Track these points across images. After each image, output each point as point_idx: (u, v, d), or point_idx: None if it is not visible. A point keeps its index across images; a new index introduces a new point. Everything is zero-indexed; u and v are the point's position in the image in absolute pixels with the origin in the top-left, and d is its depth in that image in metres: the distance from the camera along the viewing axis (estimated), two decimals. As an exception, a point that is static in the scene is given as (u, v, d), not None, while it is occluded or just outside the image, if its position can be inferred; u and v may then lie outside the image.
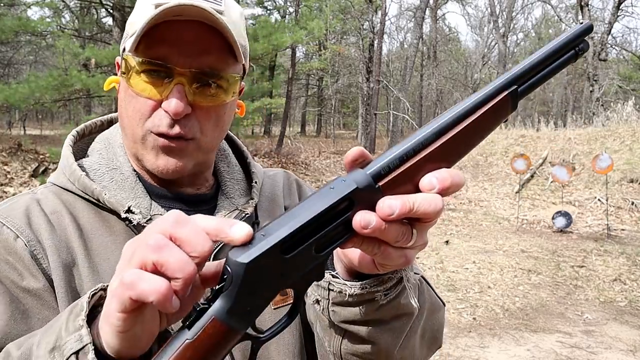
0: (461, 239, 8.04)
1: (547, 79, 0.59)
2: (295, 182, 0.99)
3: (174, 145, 0.74)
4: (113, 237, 0.74)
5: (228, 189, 0.86)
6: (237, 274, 0.47)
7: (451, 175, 0.52)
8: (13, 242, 0.70)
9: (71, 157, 0.79)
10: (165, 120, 0.72)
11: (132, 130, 0.75)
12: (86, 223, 0.75)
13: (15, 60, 23.70)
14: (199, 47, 0.71)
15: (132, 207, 0.74)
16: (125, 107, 0.75)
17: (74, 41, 9.70)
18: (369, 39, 21.07)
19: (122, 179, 0.78)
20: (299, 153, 16.50)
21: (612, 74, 25.47)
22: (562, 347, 4.33)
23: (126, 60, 0.73)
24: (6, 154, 9.66)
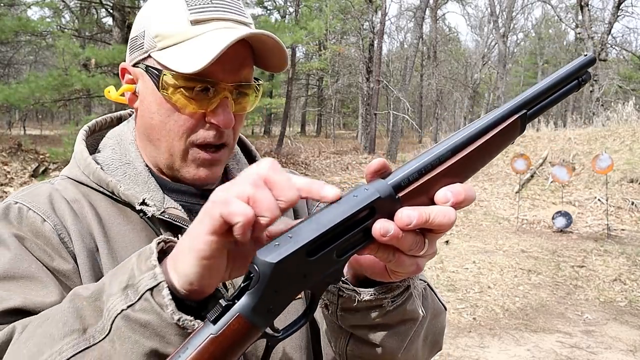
0: (461, 239, 8.04)
1: (552, 105, 0.63)
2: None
3: (217, 157, 0.79)
4: (131, 226, 0.77)
5: None
6: (264, 273, 0.48)
7: (465, 190, 0.56)
8: (40, 225, 0.72)
9: (85, 151, 0.81)
10: (212, 132, 0.77)
11: (170, 143, 0.78)
12: (104, 212, 0.77)
13: (15, 60, 23.69)
14: (239, 61, 0.76)
15: (146, 199, 0.76)
16: (162, 121, 0.77)
17: (74, 41, 9.70)
18: (369, 39, 21.07)
19: (135, 174, 0.80)
20: (299, 153, 16.50)
21: (612, 74, 25.47)
22: (562, 347, 4.33)
23: (165, 76, 0.73)
24: (6, 154, 9.66)
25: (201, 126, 0.77)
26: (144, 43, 0.77)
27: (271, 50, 0.77)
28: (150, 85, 0.76)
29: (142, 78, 0.78)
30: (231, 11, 0.76)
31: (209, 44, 0.71)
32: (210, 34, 0.72)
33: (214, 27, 0.74)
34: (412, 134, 32.43)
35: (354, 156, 17.90)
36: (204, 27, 0.73)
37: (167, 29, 0.75)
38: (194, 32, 0.73)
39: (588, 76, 0.65)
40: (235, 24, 0.76)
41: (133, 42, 0.79)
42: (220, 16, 0.75)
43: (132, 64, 0.79)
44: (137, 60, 0.78)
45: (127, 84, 0.81)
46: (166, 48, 0.74)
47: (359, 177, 14.34)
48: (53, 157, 8.87)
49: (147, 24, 0.77)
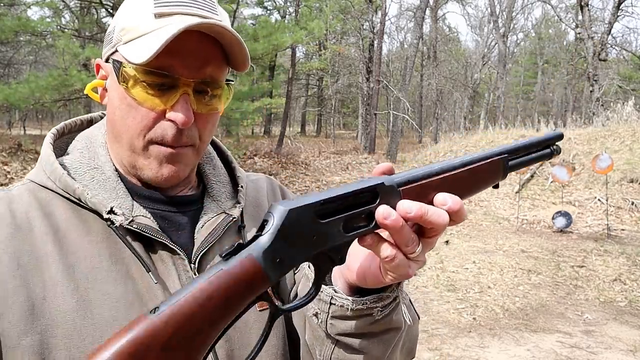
0: (461, 239, 8.04)
1: (528, 164, 0.76)
2: (278, 188, 1.00)
3: (179, 152, 0.75)
4: (90, 237, 0.72)
5: (214, 191, 0.86)
6: (277, 218, 0.52)
7: (461, 203, 0.62)
8: None
9: (52, 155, 0.77)
10: (171, 131, 0.73)
11: (130, 140, 0.74)
12: (62, 222, 0.73)
13: (15, 60, 23.69)
14: (202, 57, 0.73)
15: (114, 207, 0.73)
16: (122, 116, 0.74)
17: (74, 41, 9.69)
18: (369, 39, 21.08)
19: (104, 179, 0.76)
20: (299, 153, 16.50)
21: (612, 74, 25.47)
22: (562, 347, 4.33)
23: (124, 70, 0.71)
24: (6, 154, 9.66)
25: (160, 123, 0.73)
26: (113, 37, 0.75)
27: (232, 45, 0.73)
28: (115, 78, 0.74)
29: (111, 73, 0.75)
30: (198, 6, 0.73)
31: (164, 34, 0.68)
32: (168, 27, 0.69)
33: (175, 21, 0.70)
34: (412, 134, 32.44)
35: (354, 156, 17.90)
36: (166, 20, 0.71)
37: (131, 22, 0.73)
38: (156, 25, 0.70)
39: (558, 149, 0.79)
40: (202, 19, 0.71)
41: (106, 37, 0.77)
42: (186, 11, 0.72)
43: (105, 59, 0.77)
44: (107, 55, 0.76)
45: (99, 79, 0.79)
46: (130, 41, 0.72)
47: (359, 177, 14.34)
48: (53, 157, 8.88)
49: (118, 19, 0.75)
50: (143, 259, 0.72)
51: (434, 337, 4.47)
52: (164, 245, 0.74)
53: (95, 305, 0.68)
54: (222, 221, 0.81)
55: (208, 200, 0.84)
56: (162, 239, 0.74)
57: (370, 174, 0.65)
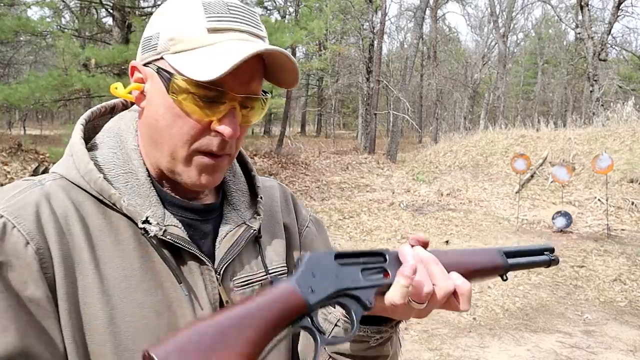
0: (461, 239, 8.04)
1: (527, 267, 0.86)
2: (290, 198, 1.02)
3: (219, 163, 0.78)
4: (122, 246, 0.74)
5: (234, 199, 0.88)
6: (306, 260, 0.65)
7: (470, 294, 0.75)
8: (23, 249, 0.67)
9: (86, 154, 0.77)
10: (216, 141, 0.76)
11: (173, 148, 0.76)
12: (95, 227, 0.73)
13: (15, 60, 23.69)
14: (249, 74, 0.75)
15: (149, 217, 0.74)
16: (167, 125, 0.75)
17: (74, 41, 9.67)
18: (369, 39, 21.06)
19: (138, 185, 0.77)
20: (299, 153, 16.50)
21: (612, 74, 25.47)
22: (562, 347, 4.33)
23: (176, 80, 0.73)
24: (6, 154, 9.67)
25: (206, 134, 0.75)
26: (158, 44, 0.75)
27: (284, 66, 0.77)
28: (160, 87, 0.75)
29: (152, 79, 0.76)
30: (248, 23, 0.76)
31: (226, 54, 0.71)
32: (226, 44, 0.72)
33: (229, 38, 0.73)
34: (412, 134, 32.44)
35: (354, 156, 17.89)
36: (220, 36, 0.73)
37: (182, 33, 0.73)
38: (210, 40, 0.73)
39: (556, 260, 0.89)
40: (251, 36, 0.76)
41: (146, 42, 0.78)
42: (237, 27, 0.75)
43: (143, 63, 0.78)
44: (149, 61, 0.77)
45: (135, 83, 0.79)
46: (180, 52, 0.73)
47: (359, 177, 14.35)
48: (53, 157, 8.87)
49: (163, 26, 0.75)
50: (174, 270, 0.75)
51: (434, 337, 4.47)
52: (192, 255, 0.77)
53: (127, 314, 0.71)
54: (244, 232, 0.84)
55: (228, 209, 0.86)
56: (193, 249, 0.76)
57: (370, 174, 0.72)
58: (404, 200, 11.33)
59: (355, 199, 11.36)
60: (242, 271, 0.83)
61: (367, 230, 8.58)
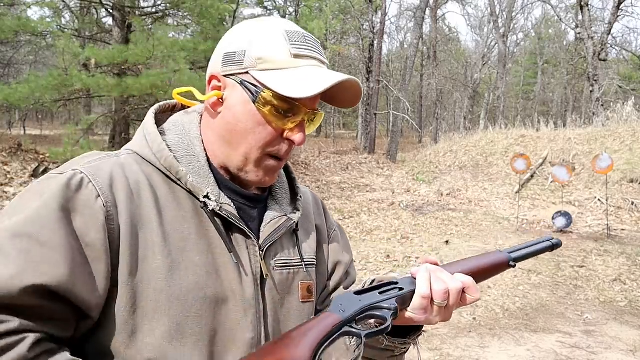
0: (461, 239, 8.04)
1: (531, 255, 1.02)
2: (321, 204, 1.18)
3: (280, 166, 0.93)
4: (183, 213, 0.86)
5: (278, 195, 1.02)
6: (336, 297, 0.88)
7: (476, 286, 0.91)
8: (94, 200, 0.79)
9: (159, 136, 0.90)
10: (285, 147, 0.91)
11: (248, 150, 0.89)
12: (162, 195, 0.86)
13: (15, 60, 23.67)
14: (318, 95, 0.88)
15: (209, 193, 0.87)
16: (246, 129, 0.88)
17: (74, 41, 9.66)
18: (369, 39, 21.05)
19: (199, 167, 0.90)
20: (299, 153, 16.49)
21: (612, 74, 25.46)
22: (562, 347, 4.33)
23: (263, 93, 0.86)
24: (6, 154, 9.66)
25: (279, 141, 0.90)
26: (244, 61, 0.87)
27: (350, 90, 0.92)
28: (243, 97, 0.88)
29: (234, 89, 0.89)
30: (319, 52, 0.91)
31: (314, 78, 0.85)
32: (308, 69, 0.87)
33: (308, 64, 0.88)
34: (412, 134, 32.44)
35: (354, 156, 17.89)
36: (301, 61, 0.87)
37: (270, 55, 0.86)
38: (294, 64, 0.87)
39: (559, 243, 1.04)
40: (322, 63, 0.91)
41: (230, 57, 0.89)
42: (313, 55, 0.89)
43: (224, 74, 0.90)
44: (232, 73, 0.89)
45: (214, 90, 0.91)
46: (267, 70, 0.86)
47: (359, 177, 14.34)
48: (53, 157, 8.87)
49: (249, 45, 0.88)
50: (225, 240, 0.87)
51: (434, 337, 4.47)
52: (241, 230, 0.90)
53: (182, 269, 0.82)
54: (285, 222, 0.97)
55: (272, 202, 1.00)
56: (242, 225, 0.90)
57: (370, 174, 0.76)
58: (404, 200, 11.33)
59: (355, 199, 11.35)
60: (282, 254, 0.97)
61: (367, 230, 8.58)
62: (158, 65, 9.26)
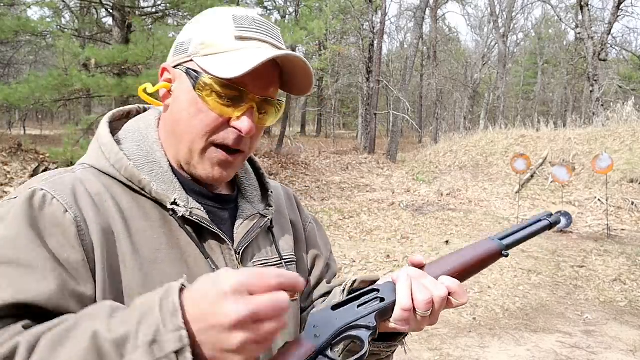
0: (461, 239, 8.04)
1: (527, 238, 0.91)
2: (294, 197, 1.13)
3: (231, 160, 0.86)
4: (150, 223, 0.81)
5: (248, 193, 0.98)
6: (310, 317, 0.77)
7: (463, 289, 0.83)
8: (62, 216, 0.74)
9: (115, 145, 0.85)
10: (232, 136, 0.84)
11: (192, 139, 0.84)
12: (126, 207, 0.81)
13: (15, 60, 23.67)
14: (268, 79, 0.85)
15: (176, 199, 0.82)
16: (190, 118, 0.84)
17: (74, 41, 9.66)
18: (369, 39, 21.05)
19: (162, 173, 0.85)
20: (299, 153, 16.50)
21: (612, 74, 25.47)
22: (562, 347, 4.33)
23: (202, 78, 0.81)
24: (6, 154, 9.66)
25: (224, 128, 0.84)
26: (189, 48, 0.85)
27: (299, 73, 0.86)
28: (187, 85, 0.84)
29: (180, 78, 0.85)
30: (270, 36, 0.86)
31: (249, 57, 0.80)
32: (250, 50, 0.82)
33: (253, 46, 0.83)
34: (412, 134, 32.44)
35: (354, 156, 17.89)
36: (245, 43, 0.83)
37: (212, 39, 0.83)
38: (236, 46, 0.82)
39: (557, 220, 0.94)
40: (272, 47, 0.85)
41: (179, 47, 0.87)
42: (261, 38, 0.85)
43: (174, 65, 0.87)
44: (179, 62, 0.86)
45: (164, 82, 0.88)
46: (209, 55, 0.83)
47: (359, 177, 14.34)
48: (53, 157, 8.86)
49: (196, 33, 0.85)
50: (200, 247, 0.83)
51: (434, 337, 4.47)
52: (214, 235, 0.85)
53: (157, 282, 0.76)
54: (258, 220, 0.93)
55: (243, 202, 0.96)
56: (215, 229, 0.85)
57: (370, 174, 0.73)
58: (404, 200, 11.33)
59: (355, 199, 11.35)
60: (260, 254, 0.92)
61: (367, 230, 8.57)
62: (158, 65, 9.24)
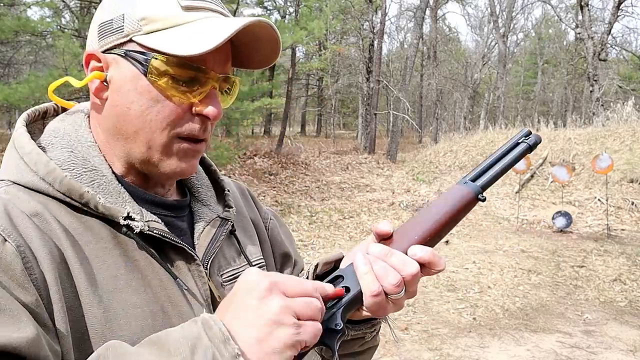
0: (461, 239, 8.04)
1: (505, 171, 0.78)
2: (248, 193, 1.00)
3: (198, 148, 0.74)
4: (102, 244, 0.67)
5: (202, 195, 0.84)
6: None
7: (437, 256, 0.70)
8: (1, 247, 0.58)
9: (43, 155, 0.68)
10: (197, 125, 0.72)
11: (149, 135, 0.70)
12: (70, 227, 0.66)
13: (15, 60, 23.67)
14: (226, 53, 0.73)
15: (130, 213, 0.68)
16: (142, 111, 0.69)
17: (74, 41, 9.68)
18: (369, 39, 21.06)
19: (106, 182, 0.70)
20: (299, 153, 16.49)
21: (612, 74, 25.47)
22: (562, 347, 4.33)
23: (154, 60, 0.68)
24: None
25: (187, 118, 0.71)
26: (124, 26, 0.69)
27: (262, 43, 0.74)
28: (130, 71, 0.69)
29: (117, 65, 0.70)
30: (216, 3, 0.74)
31: (210, 29, 0.67)
32: (205, 21, 0.69)
33: (205, 16, 0.70)
34: (412, 134, 32.44)
35: (354, 156, 17.89)
36: (195, 14, 0.69)
37: (156, 12, 0.68)
38: (187, 18, 0.69)
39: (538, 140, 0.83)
40: (222, 16, 0.73)
41: (106, 26, 0.70)
42: (210, 7, 0.72)
43: (103, 50, 0.71)
44: (112, 46, 0.70)
45: (95, 71, 0.71)
46: (155, 32, 0.68)
47: (359, 177, 14.34)
48: (53, 157, 8.88)
49: (128, 7, 0.69)
50: (165, 267, 0.70)
51: (434, 337, 4.47)
52: (178, 250, 0.72)
53: (121, 316, 0.64)
54: (220, 227, 0.81)
55: (198, 205, 0.82)
56: (182, 244, 0.72)
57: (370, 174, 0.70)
58: (404, 200, 11.33)
59: (355, 199, 11.35)
60: (227, 265, 0.80)
61: (367, 231, 8.57)
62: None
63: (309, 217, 9.22)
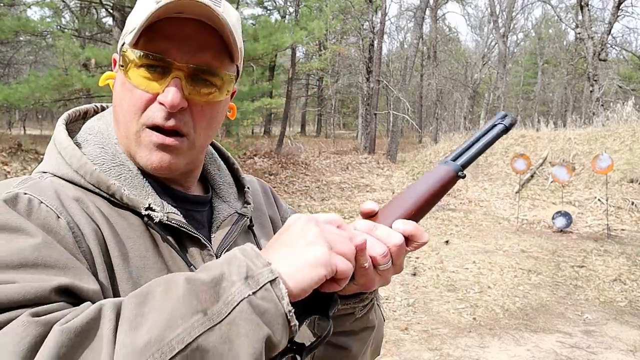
0: (461, 239, 8.04)
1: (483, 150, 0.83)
2: (270, 191, 1.05)
3: (168, 141, 0.74)
4: (133, 229, 0.73)
5: (223, 192, 0.89)
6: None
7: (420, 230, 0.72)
8: (55, 222, 0.65)
9: (78, 150, 0.75)
10: (160, 113, 0.73)
11: (126, 125, 0.75)
12: (106, 213, 0.72)
13: (15, 60, 23.68)
14: (197, 43, 0.73)
15: (151, 204, 0.74)
16: (121, 101, 0.76)
17: (74, 41, 9.68)
18: (369, 39, 21.06)
19: (131, 176, 0.76)
20: (299, 153, 16.49)
21: (612, 74, 25.47)
22: (562, 347, 4.33)
23: (125, 54, 0.74)
24: (6, 154, 9.66)
25: (154, 107, 0.73)
26: (124, 34, 0.78)
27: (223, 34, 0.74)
28: (118, 68, 0.77)
29: (117, 64, 0.79)
30: None
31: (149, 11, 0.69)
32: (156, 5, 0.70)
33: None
34: (412, 134, 32.44)
35: (354, 156, 17.89)
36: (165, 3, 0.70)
37: (136, 12, 0.76)
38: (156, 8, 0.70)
39: (514, 121, 0.85)
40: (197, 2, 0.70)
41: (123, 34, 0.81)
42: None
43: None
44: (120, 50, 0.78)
45: (109, 73, 0.82)
46: (133, 30, 0.73)
47: (359, 177, 14.34)
48: (53, 157, 8.87)
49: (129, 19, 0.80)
50: (181, 254, 0.75)
51: (434, 337, 4.47)
52: (194, 240, 0.77)
53: None
54: (237, 220, 0.85)
55: (218, 201, 0.87)
56: (197, 234, 0.77)
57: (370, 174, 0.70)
58: (404, 200, 11.33)
59: (355, 199, 11.35)
60: None
61: (367, 230, 8.57)
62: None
63: (309, 217, 9.22)
